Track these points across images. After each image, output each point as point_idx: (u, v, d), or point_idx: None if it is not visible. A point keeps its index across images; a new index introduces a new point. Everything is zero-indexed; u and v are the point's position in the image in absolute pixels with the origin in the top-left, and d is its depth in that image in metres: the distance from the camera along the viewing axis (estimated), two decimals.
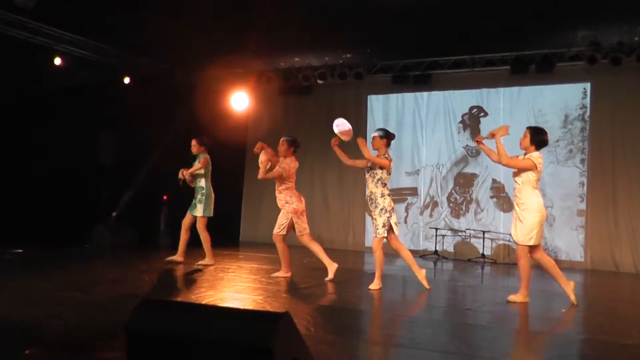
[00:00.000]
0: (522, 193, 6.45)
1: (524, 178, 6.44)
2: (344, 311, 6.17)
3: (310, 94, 13.39)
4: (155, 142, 12.20)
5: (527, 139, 6.54)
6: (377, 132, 7.38)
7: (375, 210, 7.19)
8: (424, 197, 12.45)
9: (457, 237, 11.91)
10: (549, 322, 6.01)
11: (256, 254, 10.43)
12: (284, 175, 7.77)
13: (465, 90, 12.14)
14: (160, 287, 6.88)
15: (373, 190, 7.20)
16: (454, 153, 12.21)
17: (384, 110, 12.98)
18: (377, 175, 7.21)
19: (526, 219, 6.41)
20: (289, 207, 7.76)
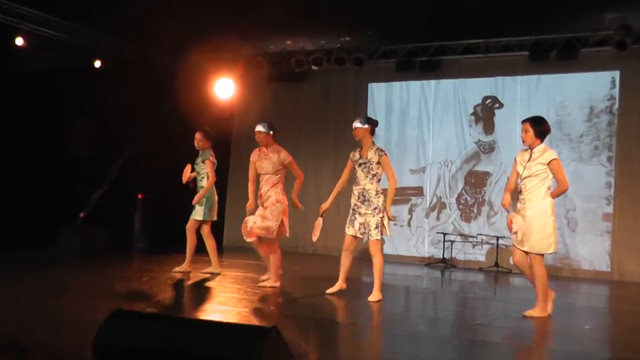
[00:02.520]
0: (536, 195, 6.42)
1: (542, 178, 6.42)
2: (339, 325, 6.15)
3: (304, 81, 13.36)
4: (131, 133, 12.15)
5: (530, 133, 6.51)
6: (358, 122, 7.33)
7: (368, 208, 7.16)
8: (430, 197, 12.45)
9: (467, 243, 11.91)
10: (569, 339, 6.01)
11: (241, 261, 10.41)
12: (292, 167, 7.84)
13: (478, 78, 12.13)
14: (133, 296, 6.86)
15: (367, 187, 7.19)
16: (465, 149, 12.21)
17: (387, 100, 12.97)
18: (372, 170, 7.20)
19: (540, 225, 6.39)
20: (280, 207, 7.69)
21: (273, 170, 7.68)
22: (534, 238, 6.41)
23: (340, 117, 12.91)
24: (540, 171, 6.41)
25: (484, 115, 12.07)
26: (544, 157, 6.43)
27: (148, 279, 8.10)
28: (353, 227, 7.27)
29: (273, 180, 7.72)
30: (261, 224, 7.56)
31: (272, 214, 7.64)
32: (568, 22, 10.41)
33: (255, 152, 7.84)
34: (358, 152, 7.33)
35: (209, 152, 8.66)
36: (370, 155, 7.21)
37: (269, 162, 7.69)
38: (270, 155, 7.71)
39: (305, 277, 9.11)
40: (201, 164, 8.62)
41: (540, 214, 6.39)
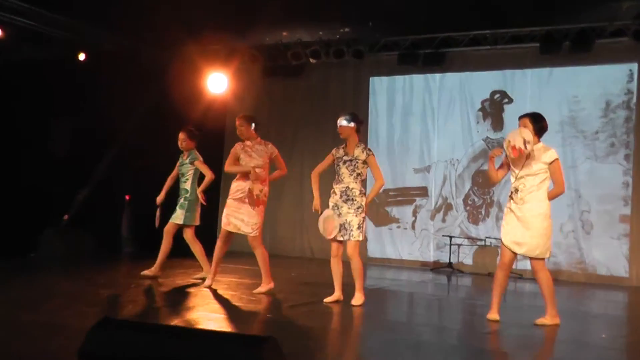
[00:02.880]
0: (535, 196, 6.42)
1: (542, 178, 6.43)
2: (338, 333, 6.15)
3: (301, 75, 13.37)
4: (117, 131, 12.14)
5: (530, 130, 6.53)
6: (343, 119, 7.36)
7: (350, 208, 7.18)
8: (435, 198, 12.46)
9: (475, 246, 11.92)
10: (584, 348, 6.01)
11: (236, 266, 10.40)
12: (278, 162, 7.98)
13: (486, 71, 12.16)
14: (121, 304, 6.85)
15: (351, 186, 7.22)
16: (472, 146, 12.22)
17: (389, 95, 12.98)
18: (357, 169, 7.24)
19: (542, 228, 6.40)
20: (262, 199, 7.81)
21: (264, 163, 7.84)
22: (535, 241, 6.40)
23: (339, 112, 12.85)
24: (541, 170, 6.42)
25: (492, 111, 12.08)
26: (546, 155, 6.43)
27: (136, 286, 8.10)
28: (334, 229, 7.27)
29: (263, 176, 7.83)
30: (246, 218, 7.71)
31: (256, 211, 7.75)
32: (582, 11, 10.40)
33: (238, 146, 7.94)
34: (342, 149, 7.38)
35: (194, 152, 8.70)
36: (356, 153, 7.25)
37: (257, 155, 7.82)
38: (256, 148, 7.86)
39: (303, 283, 9.11)
40: (188, 164, 8.65)
41: (541, 216, 6.40)
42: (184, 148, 8.73)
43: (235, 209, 7.78)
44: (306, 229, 13.29)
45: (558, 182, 6.44)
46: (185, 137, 8.71)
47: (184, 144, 8.71)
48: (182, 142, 8.71)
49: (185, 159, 8.72)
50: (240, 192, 7.79)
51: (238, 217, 7.77)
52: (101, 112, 11.54)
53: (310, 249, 13.25)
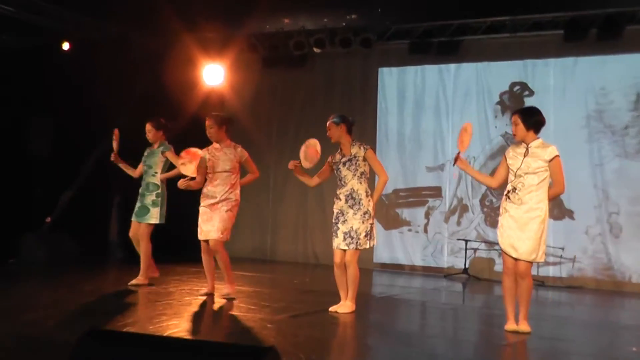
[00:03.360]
0: (535, 196, 6.43)
1: (542, 177, 6.44)
2: (344, 345, 6.16)
3: (304, 66, 13.38)
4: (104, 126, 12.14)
5: (520, 127, 6.55)
6: (331, 120, 7.44)
7: (356, 213, 7.19)
8: (449, 199, 12.47)
9: (493, 251, 11.91)
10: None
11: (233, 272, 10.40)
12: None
13: (505, 61, 12.16)
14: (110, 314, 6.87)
15: (355, 187, 7.23)
16: (490, 143, 12.23)
17: (399, 88, 12.98)
18: (359, 167, 7.27)
19: (540, 230, 6.42)
20: (232, 205, 7.87)
21: (231, 166, 7.88)
22: (532, 244, 6.42)
23: (346, 108, 12.89)
24: (541, 168, 6.43)
25: (511, 105, 12.06)
26: (545, 152, 6.44)
27: (126, 294, 8.11)
28: (337, 237, 7.29)
29: (231, 179, 7.90)
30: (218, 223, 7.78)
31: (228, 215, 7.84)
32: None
33: (205, 151, 8.04)
34: (338, 153, 7.43)
35: (165, 143, 8.72)
36: (354, 151, 7.31)
37: (225, 158, 7.88)
38: (224, 151, 7.92)
39: (306, 291, 9.11)
40: (157, 155, 8.65)
41: (539, 218, 6.41)
42: (151, 140, 8.77)
43: (208, 217, 7.85)
44: (310, 233, 13.31)
45: (558, 182, 6.46)
46: (152, 128, 8.74)
47: (151, 135, 8.74)
48: (149, 134, 8.74)
49: (155, 148, 8.74)
50: (210, 197, 7.84)
51: (209, 223, 7.82)
52: (87, 107, 11.53)
53: (314, 255, 13.26)
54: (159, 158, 8.70)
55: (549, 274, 11.47)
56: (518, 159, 6.51)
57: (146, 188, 8.70)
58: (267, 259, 13.65)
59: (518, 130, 6.56)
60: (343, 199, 7.29)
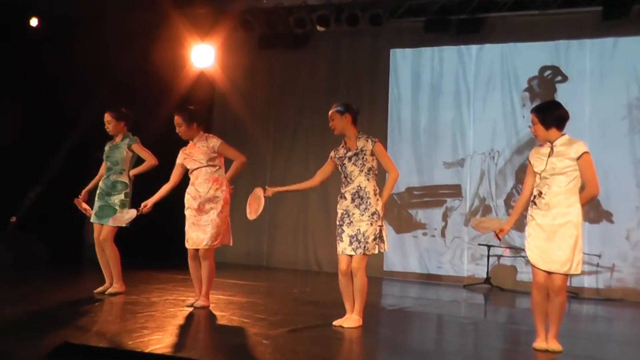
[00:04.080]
0: (564, 200, 6.38)
1: (572, 177, 6.39)
2: None
3: (306, 46, 13.37)
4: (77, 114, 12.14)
5: (538, 126, 6.50)
6: (334, 109, 7.41)
7: (363, 214, 7.16)
8: (470, 199, 12.46)
9: (519, 258, 11.90)
10: None
11: (224, 280, 10.40)
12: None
13: (534, 42, 12.14)
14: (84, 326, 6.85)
15: (362, 184, 7.21)
16: (516, 135, 12.21)
17: (413, 71, 12.97)
18: (367, 162, 7.24)
19: (573, 238, 6.37)
20: (226, 208, 7.93)
21: (207, 159, 7.93)
22: (565, 255, 6.35)
23: (352, 95, 12.90)
24: (569, 168, 6.36)
25: (541, 92, 12.05)
26: (572, 149, 6.37)
27: (102, 304, 8.10)
28: (343, 241, 7.26)
29: (212, 174, 7.96)
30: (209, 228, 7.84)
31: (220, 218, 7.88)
32: None
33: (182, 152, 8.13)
34: (342, 147, 7.40)
35: (130, 135, 8.68)
36: (361, 144, 7.26)
37: (199, 152, 7.95)
38: (198, 146, 8.00)
39: (307, 302, 9.09)
40: (123, 150, 8.59)
41: (572, 224, 6.34)
42: (112, 132, 8.70)
43: (195, 222, 7.87)
44: (311, 237, 13.31)
45: (590, 181, 6.39)
46: (112, 119, 8.66)
47: (111, 127, 8.66)
48: (109, 125, 8.66)
49: (118, 141, 8.67)
50: (195, 198, 7.86)
51: (199, 230, 7.84)
52: (58, 92, 11.52)
53: (316, 261, 13.25)
54: (124, 153, 8.63)
55: (584, 285, 11.46)
56: (542, 160, 6.46)
57: (112, 187, 8.61)
58: (263, 265, 13.65)
59: (537, 130, 6.51)
60: (349, 198, 7.25)
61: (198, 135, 8.01)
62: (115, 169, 8.66)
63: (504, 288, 11.57)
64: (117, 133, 8.71)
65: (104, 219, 8.58)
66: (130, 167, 8.68)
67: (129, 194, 8.63)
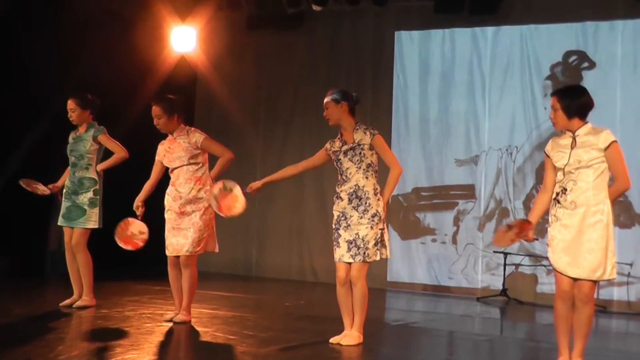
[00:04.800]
0: (594, 195, 6.35)
1: (600, 171, 6.36)
2: None
3: (300, 28, 13.38)
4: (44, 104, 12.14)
5: (560, 113, 6.44)
6: (329, 97, 7.36)
7: (363, 216, 7.13)
8: (485, 201, 12.48)
9: (540, 267, 11.92)
10: None
11: (207, 291, 10.42)
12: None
13: (558, 24, 12.17)
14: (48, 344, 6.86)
15: (360, 183, 7.16)
16: (537, 129, 12.23)
17: (421, 56, 12.99)
18: (365, 158, 7.18)
19: (604, 238, 6.33)
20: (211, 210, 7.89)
21: (188, 156, 7.93)
22: (596, 258, 6.31)
23: (353, 82, 12.93)
24: (596, 160, 6.31)
25: (565, 80, 12.05)
26: (599, 139, 6.32)
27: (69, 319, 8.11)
28: (340, 247, 7.24)
29: (194, 172, 7.97)
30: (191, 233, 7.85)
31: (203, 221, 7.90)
32: None
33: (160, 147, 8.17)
34: (338, 139, 7.36)
35: (95, 125, 8.66)
36: (358, 138, 7.21)
37: (180, 149, 7.95)
38: (178, 141, 8.00)
39: (302, 317, 9.10)
40: (88, 141, 8.54)
41: (601, 223, 6.30)
42: (76, 121, 8.64)
43: (176, 226, 7.90)
44: (306, 243, 13.31)
45: (620, 174, 6.34)
46: (76, 106, 8.61)
47: (75, 116, 8.61)
48: (72, 114, 8.61)
49: (82, 132, 8.64)
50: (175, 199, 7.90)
51: (179, 235, 7.86)
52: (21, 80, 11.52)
53: (312, 270, 13.26)
54: (89, 145, 8.59)
55: (613, 297, 11.47)
56: (564, 152, 6.39)
57: (79, 184, 8.57)
58: (252, 275, 13.66)
59: (557, 117, 6.43)
60: (345, 199, 7.21)
61: (179, 128, 8.01)
62: (80, 164, 8.62)
63: (522, 301, 11.59)
64: (81, 122, 8.65)
65: (73, 221, 8.56)
66: (97, 161, 8.64)
67: (98, 191, 8.59)
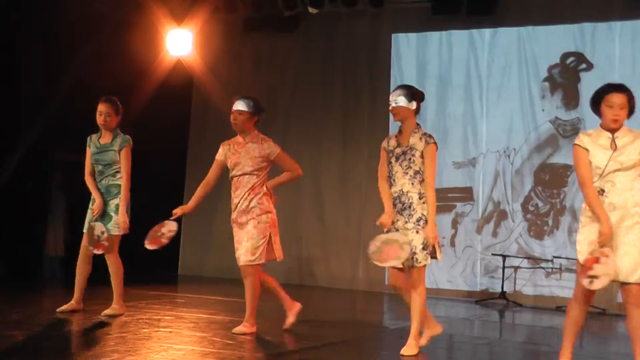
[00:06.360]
0: (632, 197, 6.27)
1: (637, 173, 6.29)
2: None
3: (297, 30, 13.36)
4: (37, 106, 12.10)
5: (625, 112, 6.38)
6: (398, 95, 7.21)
7: (409, 220, 7.07)
8: (483, 203, 12.45)
9: (538, 270, 11.89)
10: None
11: (204, 296, 10.38)
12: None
13: (556, 25, 12.14)
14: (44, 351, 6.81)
15: (405, 189, 7.06)
16: (535, 130, 12.20)
17: (419, 58, 12.96)
18: (414, 165, 7.04)
19: None
20: (267, 218, 7.81)
21: (253, 168, 7.75)
22: (633, 260, 6.20)
23: (349, 84, 12.92)
24: (635, 163, 6.30)
25: (564, 81, 12.06)
26: (638, 141, 6.32)
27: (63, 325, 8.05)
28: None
29: (253, 183, 7.77)
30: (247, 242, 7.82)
31: (257, 230, 7.83)
32: None
33: (225, 146, 7.92)
34: (395, 138, 7.21)
35: (121, 134, 8.50)
36: (413, 142, 7.09)
37: (247, 157, 7.74)
38: (248, 147, 7.76)
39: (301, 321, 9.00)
40: (116, 152, 8.43)
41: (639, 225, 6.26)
42: (107, 126, 8.45)
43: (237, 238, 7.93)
44: (305, 245, 13.24)
45: None
46: (111, 111, 8.44)
47: (109, 120, 8.42)
48: (107, 118, 8.41)
49: (108, 142, 8.45)
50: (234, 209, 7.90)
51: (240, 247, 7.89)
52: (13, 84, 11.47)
53: (310, 274, 13.19)
54: (116, 155, 8.47)
55: (613, 298, 11.40)
56: (603, 154, 6.33)
57: (106, 192, 8.45)
58: None
59: (622, 117, 6.40)
60: (394, 202, 7.13)
61: (253, 133, 7.86)
62: (107, 172, 8.44)
63: (521, 303, 11.56)
64: (111, 129, 8.46)
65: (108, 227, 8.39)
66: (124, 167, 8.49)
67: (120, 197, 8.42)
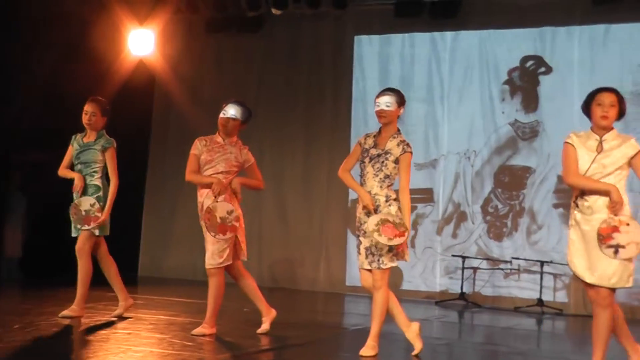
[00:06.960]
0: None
1: (620, 177, 6.33)
2: None
3: (260, 32, 13.32)
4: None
5: (615, 112, 6.48)
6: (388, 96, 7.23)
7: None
8: (443, 204, 12.48)
9: (497, 271, 11.94)
10: None
11: (164, 298, 10.35)
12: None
13: (516, 29, 12.19)
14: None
15: (374, 191, 7.09)
16: (495, 133, 12.25)
17: (381, 61, 12.96)
18: (386, 168, 7.06)
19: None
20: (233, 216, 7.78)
21: (225, 169, 7.86)
22: (610, 265, 6.23)
23: (314, 85, 12.91)
24: (620, 167, 6.32)
25: (523, 84, 12.10)
26: (628, 146, 6.30)
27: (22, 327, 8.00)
28: (360, 254, 7.21)
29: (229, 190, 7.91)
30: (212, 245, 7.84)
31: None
32: None
33: (202, 141, 8.00)
34: (373, 137, 7.22)
35: (106, 135, 8.44)
36: (390, 146, 7.11)
37: (222, 157, 7.86)
38: (226, 149, 7.90)
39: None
40: (97, 152, 8.35)
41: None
42: (92, 126, 8.36)
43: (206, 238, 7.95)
44: (267, 246, 13.21)
45: None
46: (97, 111, 8.35)
47: (94, 120, 8.33)
48: (91, 117, 8.32)
49: (91, 141, 8.36)
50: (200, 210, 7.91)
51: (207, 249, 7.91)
52: None
53: (271, 276, 13.15)
54: (98, 155, 8.34)
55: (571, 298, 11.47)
56: (588, 155, 6.33)
57: (83, 191, 8.37)
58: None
59: (611, 115, 6.44)
60: (360, 205, 7.16)
61: (235, 137, 8.10)
62: (86, 171, 8.33)
63: (480, 304, 11.60)
64: (96, 129, 8.36)
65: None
66: (104, 170, 8.37)
67: (101, 198, 8.27)
